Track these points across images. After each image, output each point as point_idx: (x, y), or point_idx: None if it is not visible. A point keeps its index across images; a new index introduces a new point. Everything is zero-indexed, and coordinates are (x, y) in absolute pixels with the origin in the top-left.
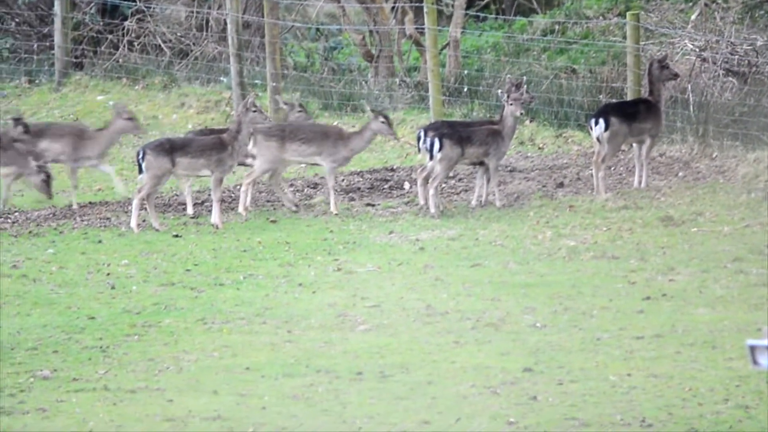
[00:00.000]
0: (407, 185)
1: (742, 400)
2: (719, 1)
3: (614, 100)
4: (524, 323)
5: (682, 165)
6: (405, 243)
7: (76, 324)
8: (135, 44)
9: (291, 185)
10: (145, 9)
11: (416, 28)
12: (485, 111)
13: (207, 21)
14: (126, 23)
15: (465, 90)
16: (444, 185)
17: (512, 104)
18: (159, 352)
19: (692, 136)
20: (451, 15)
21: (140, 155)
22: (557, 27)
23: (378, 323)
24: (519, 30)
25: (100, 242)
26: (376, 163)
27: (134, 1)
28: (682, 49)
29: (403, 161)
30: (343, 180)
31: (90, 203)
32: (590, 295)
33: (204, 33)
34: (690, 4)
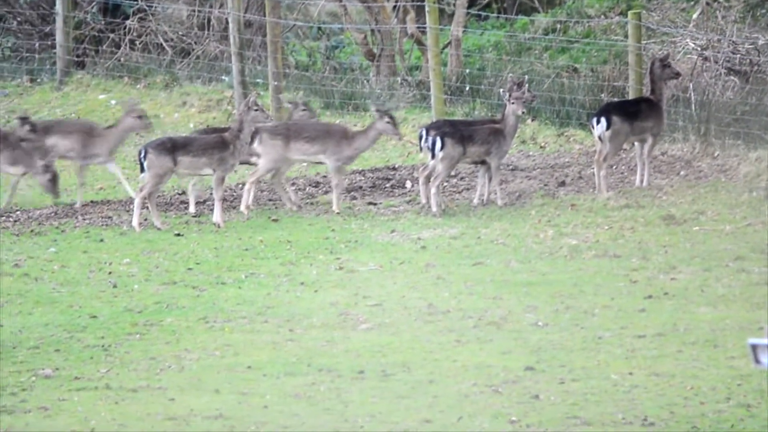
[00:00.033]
0: (409, 184)
1: (744, 399)
2: (721, 0)
3: (616, 99)
4: (526, 322)
5: (684, 164)
6: (407, 242)
7: (78, 323)
8: (137, 43)
9: (293, 184)
10: (147, 8)
11: (418, 27)
12: (487, 110)
13: (209, 20)
14: (128, 22)
15: (467, 89)
16: (446, 184)
17: (514, 103)
18: (161, 351)
19: (694, 135)
20: (453, 14)
21: (142, 154)
22: (559, 26)
23: (380, 322)
24: (520, 29)
25: (102, 241)
26: (378, 162)
27: (136, 0)
28: (684, 48)
29: (405, 160)
30: (345, 179)
31: (92, 202)
32: (592, 294)
33: (206, 32)
34: (692, 3)
